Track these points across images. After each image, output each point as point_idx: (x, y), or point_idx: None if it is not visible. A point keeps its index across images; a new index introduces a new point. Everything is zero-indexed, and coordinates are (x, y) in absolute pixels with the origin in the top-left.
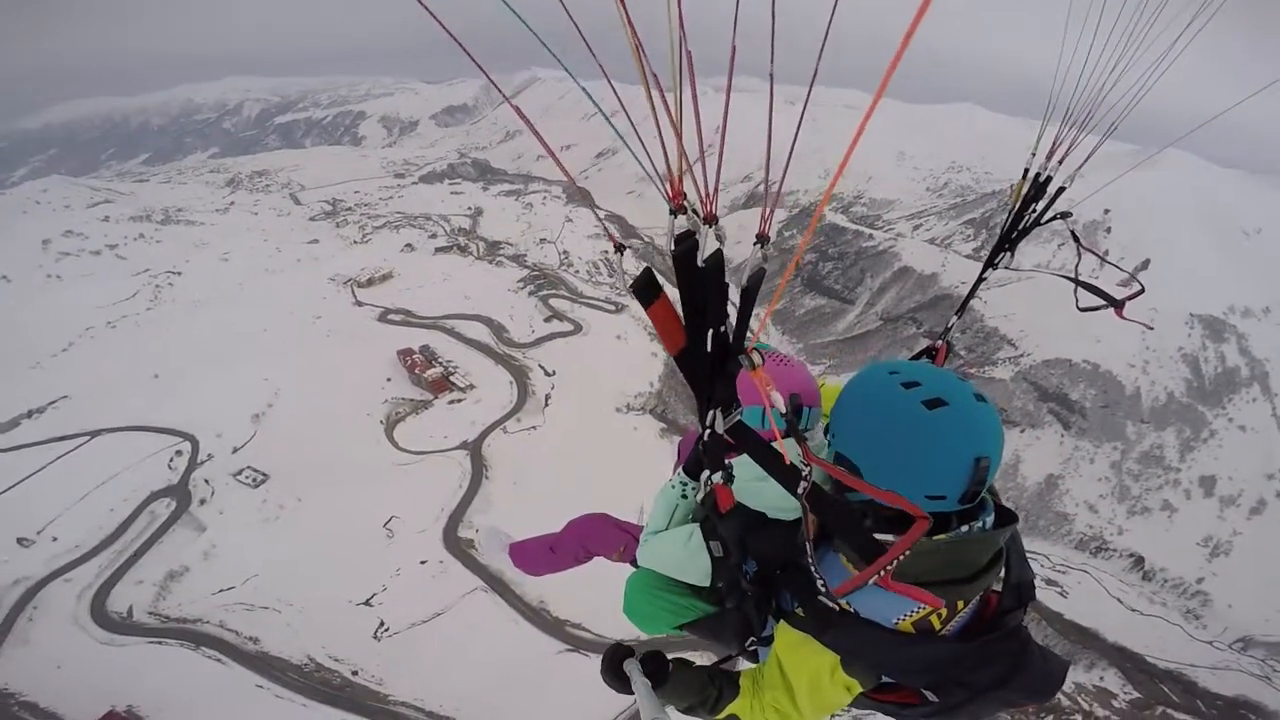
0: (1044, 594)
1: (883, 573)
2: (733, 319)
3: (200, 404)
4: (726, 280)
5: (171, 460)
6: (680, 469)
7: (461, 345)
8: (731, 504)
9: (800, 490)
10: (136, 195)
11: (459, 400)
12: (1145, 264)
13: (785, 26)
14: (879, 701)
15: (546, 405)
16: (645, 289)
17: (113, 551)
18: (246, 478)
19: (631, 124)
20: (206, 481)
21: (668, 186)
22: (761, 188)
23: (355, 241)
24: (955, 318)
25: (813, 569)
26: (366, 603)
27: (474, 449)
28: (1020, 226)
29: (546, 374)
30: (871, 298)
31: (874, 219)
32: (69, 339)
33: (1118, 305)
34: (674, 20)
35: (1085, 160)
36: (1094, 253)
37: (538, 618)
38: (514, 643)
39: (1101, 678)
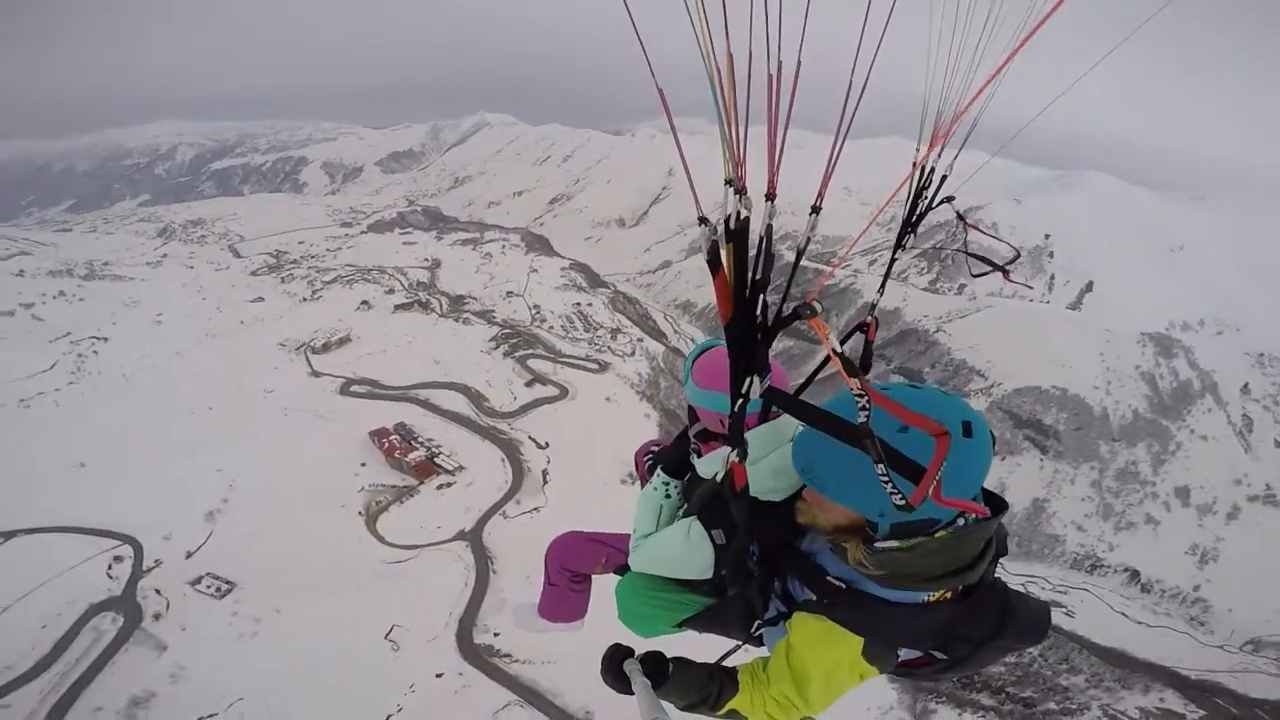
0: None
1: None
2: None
3: (139, 499)
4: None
5: (110, 567)
6: (660, 470)
7: (440, 419)
8: (745, 481)
9: (861, 421)
10: (58, 246)
11: (449, 484)
12: (1089, 286)
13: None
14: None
15: (545, 483)
16: (713, 259)
17: (54, 674)
18: (208, 587)
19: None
20: (158, 592)
21: (730, 166)
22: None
23: (305, 299)
24: (879, 296)
25: (887, 484)
26: None
27: (474, 539)
28: (916, 212)
29: (539, 446)
30: (839, 336)
31: (829, 255)
32: None
33: (1005, 270)
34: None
35: (957, 153)
36: (979, 229)
37: None
38: None
39: (1162, 699)
